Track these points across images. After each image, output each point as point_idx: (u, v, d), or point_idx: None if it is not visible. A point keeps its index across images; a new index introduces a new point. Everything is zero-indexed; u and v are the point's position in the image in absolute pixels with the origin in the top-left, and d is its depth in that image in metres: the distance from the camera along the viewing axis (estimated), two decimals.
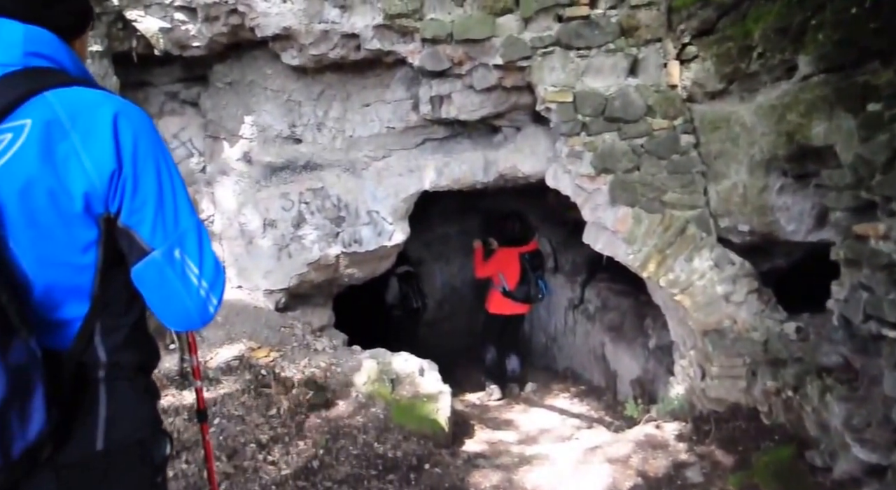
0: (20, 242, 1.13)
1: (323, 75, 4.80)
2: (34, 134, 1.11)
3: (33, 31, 1.20)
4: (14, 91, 1.12)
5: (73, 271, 1.18)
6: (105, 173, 1.15)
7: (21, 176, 1.10)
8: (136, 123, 1.20)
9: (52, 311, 1.18)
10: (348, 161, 4.92)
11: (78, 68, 1.27)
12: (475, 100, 4.46)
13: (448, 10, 4.20)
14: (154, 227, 1.20)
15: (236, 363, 4.35)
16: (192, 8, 4.40)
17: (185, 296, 1.23)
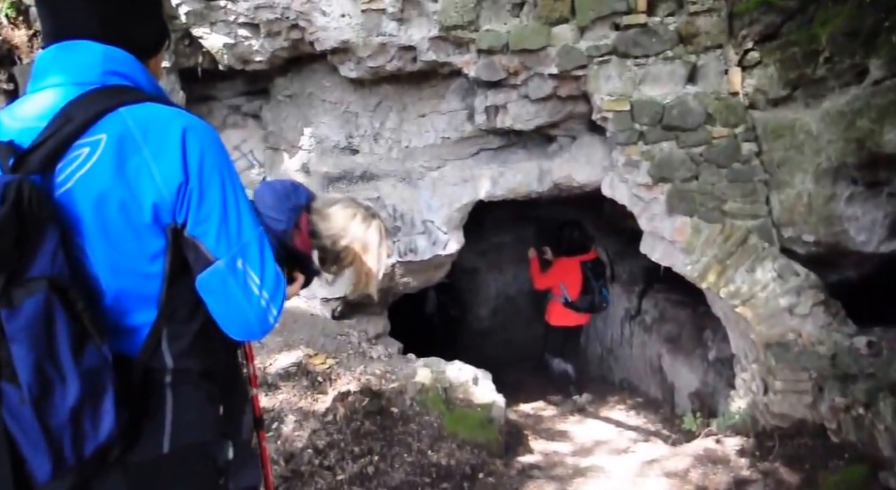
0: (94, 252, 1.19)
1: (380, 87, 4.90)
2: (109, 148, 1.17)
3: (112, 52, 1.27)
4: (92, 108, 1.19)
5: (142, 279, 1.23)
6: (173, 185, 1.20)
7: (96, 188, 1.17)
8: (203, 138, 1.25)
9: (122, 317, 1.23)
10: (404, 171, 5.01)
11: (152, 86, 1.34)
12: (530, 109, 4.47)
13: (503, 20, 4.24)
14: (218, 237, 1.24)
15: (294, 369, 4.47)
16: (255, 24, 4.58)
17: (245, 305, 1.27)
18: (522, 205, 5.77)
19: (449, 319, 7.15)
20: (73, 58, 1.25)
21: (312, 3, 4.39)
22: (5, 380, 1.09)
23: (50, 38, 1.28)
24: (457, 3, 4.18)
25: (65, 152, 1.17)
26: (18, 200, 1.06)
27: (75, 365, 1.10)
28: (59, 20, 1.27)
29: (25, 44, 5.09)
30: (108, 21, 1.27)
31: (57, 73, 1.24)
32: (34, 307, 1.07)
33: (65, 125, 1.16)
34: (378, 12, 4.32)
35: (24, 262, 1.08)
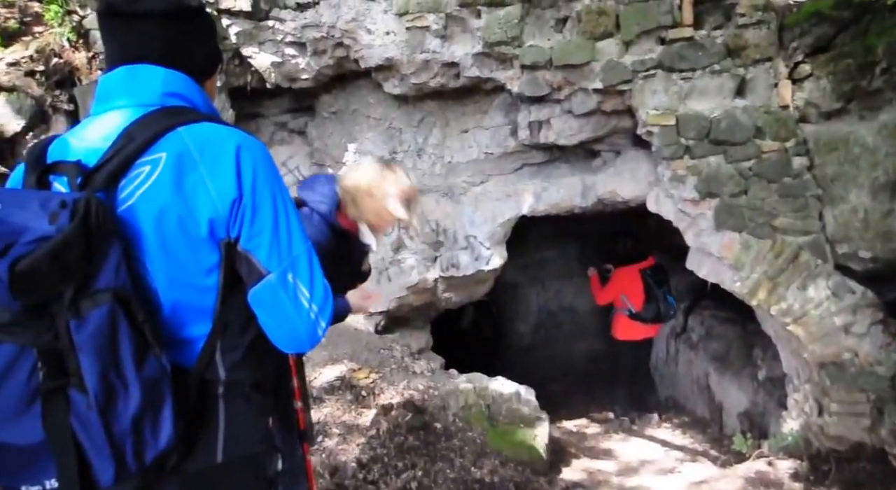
0: (154, 265, 1.24)
1: (423, 103, 4.97)
2: (168, 166, 1.23)
3: (171, 75, 1.34)
4: (153, 128, 1.25)
5: (197, 293, 1.28)
6: (227, 201, 1.25)
7: (156, 204, 1.22)
8: (256, 156, 1.30)
9: (178, 329, 1.28)
10: (447, 186, 5.05)
11: (207, 106, 1.40)
12: (574, 124, 4.48)
13: (547, 36, 4.27)
14: (270, 251, 1.28)
15: (338, 383, 4.53)
16: (302, 43, 4.70)
17: (295, 318, 1.30)
18: (565, 220, 5.74)
19: (483, 338, 7.12)
20: (135, 81, 1.33)
21: (358, 22, 4.50)
22: (73, 387, 1.14)
23: (113, 63, 1.35)
24: (500, 19, 4.22)
25: (127, 170, 1.23)
26: (86, 216, 1.12)
27: (137, 374, 1.15)
28: (123, 46, 1.34)
29: (85, 65, 5.33)
30: (168, 46, 1.34)
31: (120, 96, 1.32)
32: (100, 318, 1.12)
33: (127, 144, 1.23)
34: (422, 30, 4.39)
35: (90, 274, 1.14)
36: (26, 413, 1.14)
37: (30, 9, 7.07)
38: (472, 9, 4.28)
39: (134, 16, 1.32)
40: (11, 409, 1.14)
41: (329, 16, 4.51)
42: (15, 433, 1.15)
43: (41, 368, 1.13)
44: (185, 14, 1.38)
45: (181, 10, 1.37)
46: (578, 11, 4.11)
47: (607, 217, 5.91)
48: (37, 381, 1.13)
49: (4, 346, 1.13)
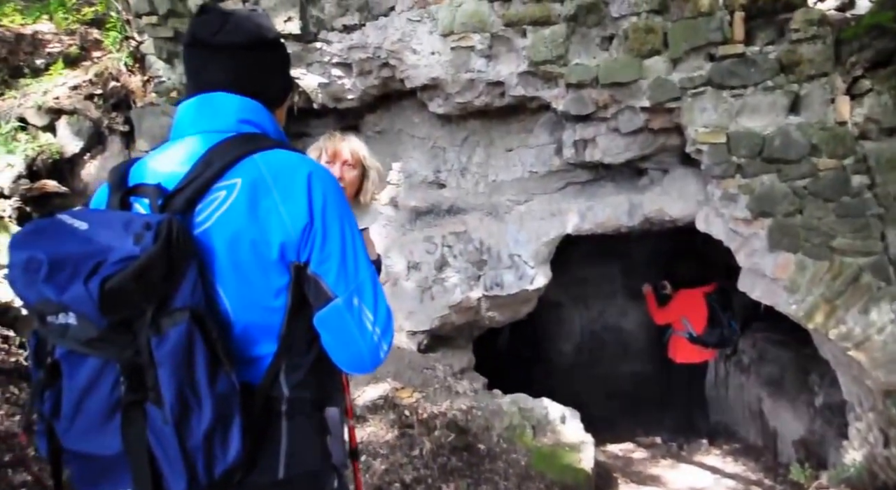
0: (226, 286, 1.29)
1: (467, 122, 4.98)
2: (243, 191, 1.28)
3: (246, 103, 1.40)
4: (229, 154, 1.30)
5: (266, 313, 1.31)
6: (299, 226, 1.29)
7: (231, 228, 1.27)
8: (326, 183, 1.35)
9: (247, 348, 1.31)
10: (491, 205, 5.03)
11: (277, 133, 1.45)
12: (620, 143, 4.42)
13: (593, 54, 4.23)
14: (338, 276, 1.32)
15: (381, 402, 4.52)
16: (348, 64, 4.77)
17: (360, 340, 1.34)
18: (608, 238, 5.66)
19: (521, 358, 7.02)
20: (212, 108, 1.39)
21: (403, 42, 4.54)
22: (151, 401, 1.17)
23: (194, 90, 1.43)
24: (546, 38, 4.21)
25: (204, 194, 1.28)
26: (168, 238, 1.16)
27: (210, 391, 1.19)
28: (204, 75, 1.42)
29: (140, 88, 5.52)
30: (246, 76, 1.42)
31: (197, 122, 1.39)
32: (178, 335, 1.17)
33: (205, 170, 1.28)
34: (467, 49, 4.41)
35: (169, 293, 1.18)
36: (107, 425, 1.19)
37: (90, 35, 7.38)
38: (517, 28, 4.29)
39: (216, 47, 1.40)
40: (95, 420, 1.20)
41: (375, 37, 4.57)
42: (97, 443, 1.21)
43: (123, 382, 1.18)
44: (263, 46, 1.45)
45: (260, 42, 1.44)
46: (625, 29, 4.07)
47: (652, 236, 5.80)
48: (118, 394, 1.19)
49: (90, 359, 1.19)
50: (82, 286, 1.11)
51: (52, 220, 1.22)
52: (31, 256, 1.15)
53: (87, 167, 5.73)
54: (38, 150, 5.47)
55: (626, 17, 4.05)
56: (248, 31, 1.42)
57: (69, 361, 1.21)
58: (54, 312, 1.16)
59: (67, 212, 1.26)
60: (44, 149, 5.50)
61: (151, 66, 5.13)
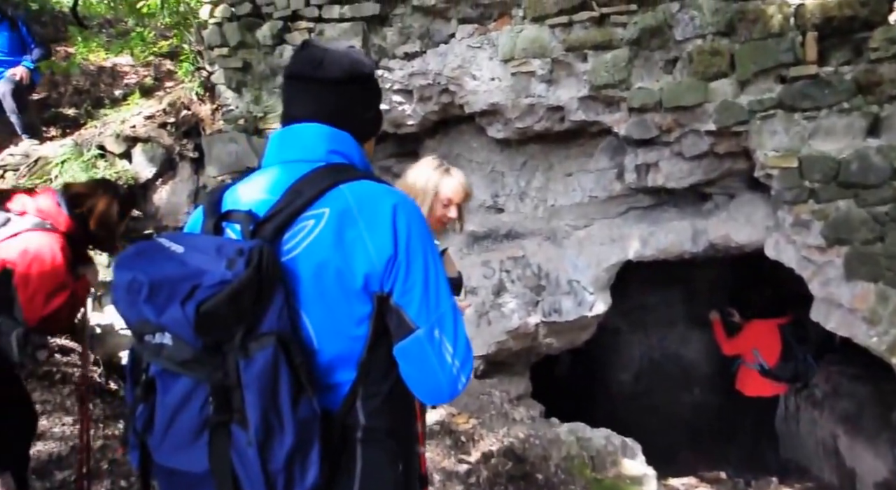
0: (311, 313, 1.29)
1: (526, 146, 4.92)
2: (331, 221, 1.29)
3: (336, 134, 1.43)
4: (318, 184, 1.32)
5: (347, 341, 1.32)
6: (384, 257, 1.29)
7: (318, 256, 1.28)
8: (410, 215, 1.35)
9: (327, 375, 1.31)
10: (549, 230, 4.93)
11: (364, 164, 1.47)
12: (684, 167, 4.27)
13: (656, 77, 4.12)
14: (420, 307, 1.31)
15: (437, 428, 4.43)
16: (409, 90, 4.80)
17: (439, 372, 1.33)
18: (669, 264, 5.46)
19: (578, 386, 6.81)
20: (303, 138, 1.43)
21: (463, 68, 4.54)
22: (236, 423, 1.19)
23: (287, 121, 1.46)
24: (607, 62, 4.14)
25: (293, 222, 1.30)
26: (259, 264, 1.19)
27: (292, 415, 1.19)
28: (299, 106, 1.46)
29: (209, 117, 5.69)
30: (339, 108, 1.45)
31: (289, 151, 1.43)
32: (265, 359, 1.18)
33: (295, 199, 1.31)
34: (527, 75, 4.37)
35: (258, 318, 1.20)
36: (195, 442, 1.22)
37: (163, 66, 7.71)
38: (578, 53, 4.23)
39: (312, 80, 1.44)
40: (184, 438, 1.23)
41: (435, 64, 4.59)
42: (185, 460, 1.24)
43: (211, 403, 1.20)
44: (356, 80, 1.47)
45: (354, 76, 1.46)
46: (689, 52, 3.96)
47: (715, 262, 5.57)
48: (206, 413, 1.21)
49: (182, 378, 1.22)
50: (179, 308, 1.14)
51: (152, 242, 1.28)
52: (134, 278, 1.20)
53: (158, 192, 5.93)
54: (116, 176, 5.68)
55: (690, 39, 3.94)
56: (344, 66, 1.45)
57: (163, 379, 1.25)
58: (151, 332, 1.20)
59: (165, 235, 1.32)
60: (120, 175, 5.71)
61: (221, 95, 5.28)
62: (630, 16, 4.08)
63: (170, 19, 6.34)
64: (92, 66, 7.84)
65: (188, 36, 6.28)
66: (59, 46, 8.78)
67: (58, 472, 3.72)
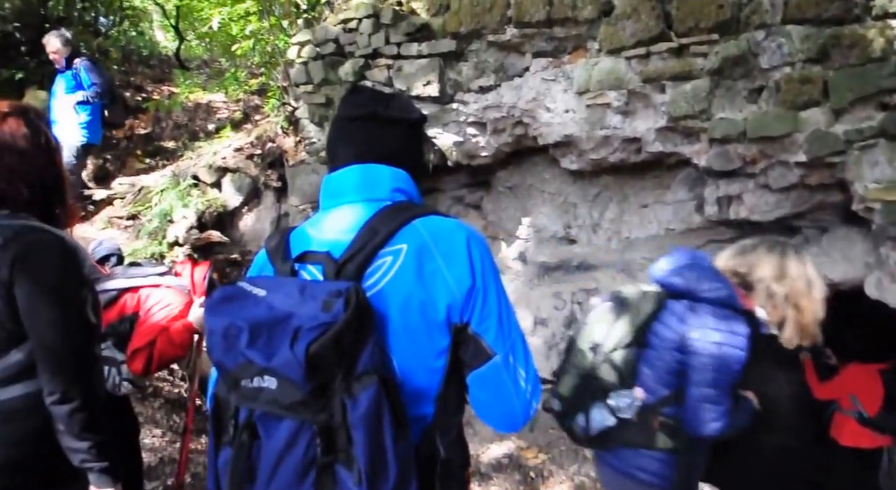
0: (395, 348, 1.28)
1: (600, 177, 4.68)
2: (409, 256, 1.29)
3: (396, 173, 1.43)
4: (392, 222, 1.31)
5: (428, 374, 1.31)
6: (464, 288, 1.30)
7: (401, 291, 1.28)
8: (481, 245, 1.37)
9: (411, 408, 1.28)
10: (623, 262, 4.65)
11: (420, 199, 1.49)
12: (770, 200, 3.91)
13: (739, 107, 3.82)
14: (497, 334, 1.31)
15: (506, 461, 4.21)
16: (483, 123, 4.68)
17: (514, 398, 1.32)
18: None
19: None
20: (366, 179, 1.42)
21: (538, 101, 4.38)
22: (340, 463, 1.17)
23: (344, 161, 1.45)
24: (687, 93, 3.87)
25: (372, 261, 1.29)
26: (357, 304, 1.18)
27: (395, 452, 1.17)
28: (356, 146, 1.45)
29: (293, 148, 5.77)
30: (398, 148, 1.46)
31: (354, 192, 1.41)
32: (369, 399, 1.16)
33: (372, 238, 1.30)
34: (603, 106, 4.15)
35: (356, 357, 1.18)
36: (301, 484, 1.20)
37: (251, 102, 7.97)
38: (655, 84, 3.98)
39: (371, 121, 1.45)
40: (290, 481, 1.21)
41: (510, 97, 4.45)
42: None
43: (318, 444, 1.18)
44: (409, 123, 1.50)
45: (408, 119, 1.49)
46: (777, 81, 3.64)
47: None
48: (312, 454, 1.19)
49: (286, 422, 1.20)
50: (289, 351, 1.13)
51: (235, 287, 1.28)
52: (231, 323, 1.19)
53: (244, 219, 6.05)
54: (207, 204, 5.83)
55: (777, 67, 3.62)
56: (396, 109, 1.47)
57: (266, 423, 1.23)
58: (251, 376, 1.19)
59: (246, 279, 1.32)
60: (211, 203, 5.86)
61: (304, 128, 5.33)
62: (711, 45, 3.81)
63: (259, 59, 6.52)
64: (190, 103, 8.20)
65: (275, 74, 6.43)
66: (163, 86, 9.26)
67: (147, 483, 3.73)
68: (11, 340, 1.65)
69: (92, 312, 1.76)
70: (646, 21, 3.93)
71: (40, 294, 1.63)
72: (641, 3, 3.92)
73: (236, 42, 6.37)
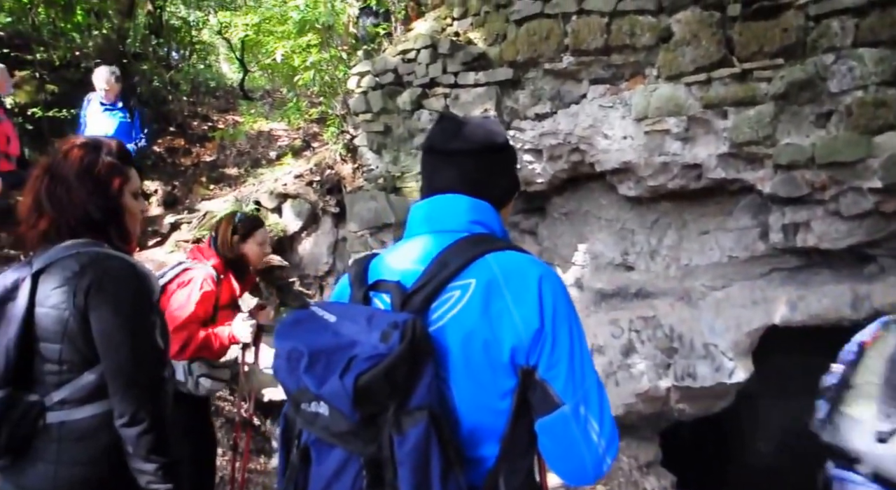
0: (457, 385, 1.22)
1: (658, 204, 4.56)
2: (477, 292, 1.23)
3: (476, 204, 1.37)
4: (464, 255, 1.26)
5: (492, 415, 1.23)
6: (531, 330, 1.21)
7: (465, 327, 1.21)
8: (555, 286, 1.27)
9: (471, 449, 1.23)
10: (683, 290, 4.49)
11: (503, 232, 1.41)
12: (841, 227, 3.73)
13: (806, 132, 3.67)
14: (566, 382, 1.22)
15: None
16: (539, 150, 4.64)
17: (584, 451, 1.23)
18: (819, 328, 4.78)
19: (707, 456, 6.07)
20: (445, 209, 1.38)
21: (595, 128, 4.32)
22: None
23: (427, 192, 1.43)
24: (751, 118, 3.75)
25: (440, 293, 1.25)
26: (413, 337, 1.13)
27: None
28: (438, 178, 1.42)
29: (350, 175, 5.85)
30: (477, 178, 1.40)
31: (432, 222, 1.38)
32: (418, 435, 1.12)
33: (442, 270, 1.25)
34: (662, 133, 4.07)
35: (410, 391, 1.14)
36: None
37: (310, 129, 8.16)
38: (717, 110, 3.88)
39: (451, 153, 1.40)
40: None
41: (566, 124, 4.41)
42: None
43: (364, 476, 1.15)
44: (493, 150, 1.43)
45: (491, 147, 1.42)
46: (847, 105, 3.49)
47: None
48: (359, 486, 1.16)
49: (337, 450, 1.18)
50: (338, 381, 1.11)
51: (307, 311, 1.26)
52: (294, 347, 1.19)
53: (303, 243, 6.14)
54: (268, 229, 5.95)
55: (848, 91, 3.47)
56: (481, 137, 1.42)
57: (318, 449, 1.22)
58: (308, 401, 1.18)
59: (318, 304, 1.30)
60: (272, 228, 5.98)
61: (362, 156, 5.40)
62: (775, 70, 3.69)
63: (318, 88, 6.68)
64: (252, 131, 8.47)
65: (334, 102, 6.57)
66: (228, 115, 9.60)
67: None
68: (85, 363, 1.70)
69: (160, 337, 1.79)
70: (706, 47, 3.85)
71: (113, 319, 1.68)
72: (702, 29, 3.84)
73: (298, 73, 6.55)
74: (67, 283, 1.67)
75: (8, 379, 1.67)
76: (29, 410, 1.68)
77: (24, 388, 1.70)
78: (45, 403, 1.69)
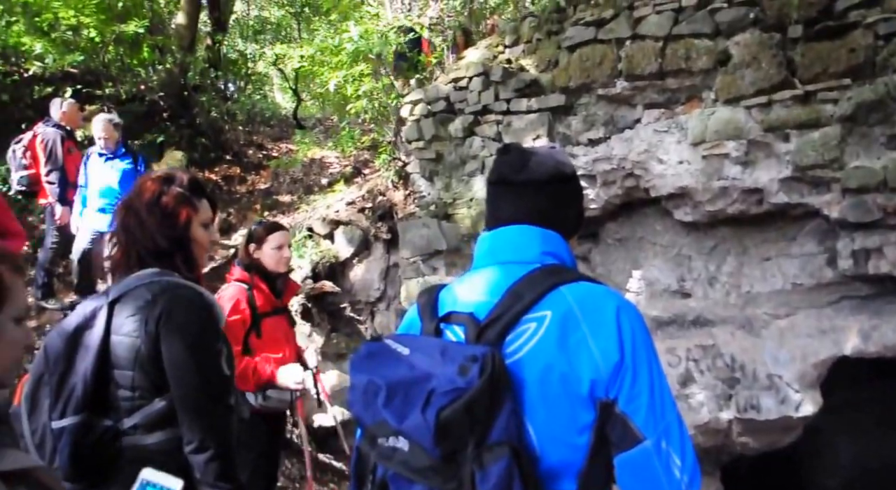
0: (534, 419, 1.19)
1: (716, 229, 4.42)
2: (553, 324, 1.20)
3: (547, 234, 1.35)
4: (538, 287, 1.23)
5: (569, 450, 1.20)
6: (611, 363, 1.17)
7: (542, 360, 1.18)
8: (633, 318, 1.23)
9: (549, 484, 1.20)
10: (744, 318, 4.31)
11: (572, 261, 1.37)
12: None
13: (877, 154, 3.51)
14: (647, 416, 1.17)
15: None
16: (592, 175, 4.58)
17: (666, 488, 1.17)
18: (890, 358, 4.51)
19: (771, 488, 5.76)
20: (516, 240, 1.35)
21: (649, 153, 4.25)
22: None
23: (496, 223, 1.40)
24: (815, 141, 3.61)
25: (515, 326, 1.22)
26: (492, 371, 1.11)
27: None
28: (507, 208, 1.39)
29: (402, 201, 5.90)
30: (546, 209, 1.38)
31: (503, 253, 1.36)
32: (500, 472, 1.09)
33: (516, 302, 1.23)
34: (720, 157, 3.96)
35: (490, 426, 1.11)
36: None
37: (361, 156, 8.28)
38: (778, 133, 3.76)
39: (518, 184, 1.38)
40: None
41: (620, 149, 4.34)
42: None
43: None
44: (560, 181, 1.42)
45: (558, 177, 1.41)
46: None
47: None
48: None
49: (416, 486, 1.16)
50: (420, 416, 1.09)
51: (380, 344, 1.25)
52: (371, 381, 1.17)
53: (354, 270, 6.19)
54: (321, 255, 6.03)
55: None
56: (549, 168, 1.40)
57: (397, 484, 1.20)
58: (386, 435, 1.16)
59: (390, 336, 1.28)
60: (324, 254, 6.06)
61: (414, 183, 5.44)
62: (842, 91, 3.56)
63: (370, 116, 6.80)
64: (306, 159, 8.66)
65: (385, 130, 6.67)
66: (282, 143, 9.85)
67: None
68: (156, 389, 1.74)
69: (226, 364, 1.81)
70: (766, 69, 3.75)
71: (183, 347, 1.72)
72: (762, 51, 3.74)
73: (350, 101, 6.69)
74: (140, 311, 1.72)
75: (85, 404, 1.71)
76: (103, 435, 1.72)
77: (99, 414, 1.74)
78: (118, 429, 1.73)
